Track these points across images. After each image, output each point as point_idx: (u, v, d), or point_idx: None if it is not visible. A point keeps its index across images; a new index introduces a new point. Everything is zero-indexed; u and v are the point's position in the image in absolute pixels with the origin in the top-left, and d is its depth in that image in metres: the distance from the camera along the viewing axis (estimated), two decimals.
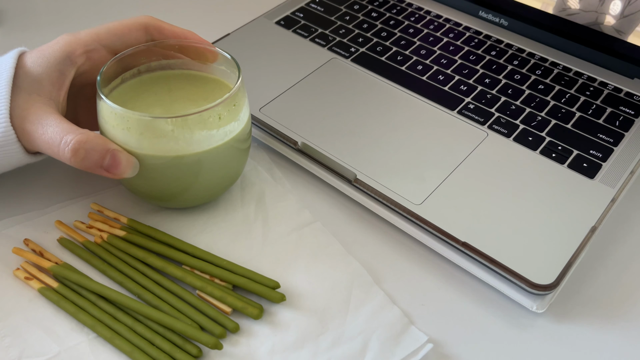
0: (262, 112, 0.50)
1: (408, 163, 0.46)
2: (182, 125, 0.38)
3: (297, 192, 0.47)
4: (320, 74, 0.54)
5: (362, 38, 0.58)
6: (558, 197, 0.44)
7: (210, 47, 0.43)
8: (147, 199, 0.43)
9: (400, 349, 0.36)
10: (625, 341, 0.39)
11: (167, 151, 0.39)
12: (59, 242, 0.42)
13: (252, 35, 0.58)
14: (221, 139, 0.40)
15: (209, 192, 0.43)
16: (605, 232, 0.45)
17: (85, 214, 0.44)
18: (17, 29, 0.63)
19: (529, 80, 0.54)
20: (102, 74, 0.40)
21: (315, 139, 0.47)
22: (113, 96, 0.42)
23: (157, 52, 0.44)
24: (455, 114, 0.50)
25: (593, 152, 0.47)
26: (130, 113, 0.38)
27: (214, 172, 0.41)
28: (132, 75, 0.44)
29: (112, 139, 0.39)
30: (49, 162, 0.45)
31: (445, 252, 0.42)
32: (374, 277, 0.41)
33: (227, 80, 0.44)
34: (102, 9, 0.66)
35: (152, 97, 0.43)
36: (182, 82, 0.44)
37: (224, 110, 0.39)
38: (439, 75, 0.54)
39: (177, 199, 0.43)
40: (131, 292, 0.39)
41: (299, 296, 0.39)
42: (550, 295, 0.39)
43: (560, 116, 0.50)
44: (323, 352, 0.36)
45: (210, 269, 0.40)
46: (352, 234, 0.44)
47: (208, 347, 0.36)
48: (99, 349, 0.36)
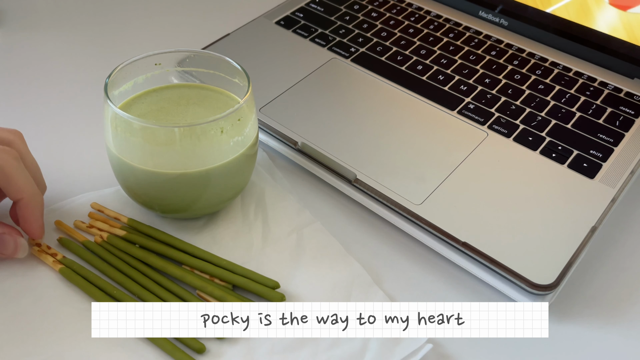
0: (262, 112, 0.50)
1: (408, 163, 0.46)
2: (188, 137, 0.38)
3: (297, 192, 0.47)
4: (320, 74, 0.54)
5: (362, 38, 0.58)
6: (558, 197, 0.44)
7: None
8: (149, 209, 0.43)
9: (399, 349, 0.36)
10: (625, 341, 0.39)
11: (171, 167, 0.38)
12: (59, 241, 0.42)
13: (252, 35, 0.58)
14: (227, 154, 0.39)
15: (210, 207, 0.43)
16: (605, 232, 0.45)
17: (85, 214, 0.44)
18: (17, 29, 0.63)
19: (529, 80, 0.54)
20: (109, 78, 0.40)
21: (315, 139, 0.47)
22: (124, 104, 0.42)
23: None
24: (455, 114, 0.50)
25: (593, 152, 0.47)
26: (136, 120, 0.38)
27: (217, 188, 0.41)
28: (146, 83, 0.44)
29: (117, 145, 0.39)
30: (49, 161, 0.45)
31: (445, 252, 0.42)
32: (374, 277, 0.41)
33: (240, 97, 0.43)
34: (102, 9, 0.66)
35: (164, 112, 0.43)
36: (197, 97, 0.44)
37: (227, 124, 0.39)
38: (439, 75, 0.54)
39: (180, 212, 0.43)
40: (131, 292, 0.39)
41: (299, 296, 0.39)
42: (550, 295, 0.39)
43: (560, 116, 0.50)
44: (323, 352, 0.36)
45: (210, 269, 0.40)
46: (352, 234, 0.44)
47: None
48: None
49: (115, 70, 0.41)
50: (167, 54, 0.44)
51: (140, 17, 0.66)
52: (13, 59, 0.59)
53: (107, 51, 0.61)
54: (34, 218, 0.39)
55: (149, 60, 0.43)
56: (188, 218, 0.44)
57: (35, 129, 0.51)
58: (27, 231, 0.39)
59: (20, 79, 0.57)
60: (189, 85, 0.45)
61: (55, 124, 0.52)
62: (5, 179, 0.38)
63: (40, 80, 0.57)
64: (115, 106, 0.38)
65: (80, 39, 0.62)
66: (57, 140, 0.50)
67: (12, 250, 0.39)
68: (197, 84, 0.45)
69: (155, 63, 0.44)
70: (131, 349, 0.36)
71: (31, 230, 0.39)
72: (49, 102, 0.54)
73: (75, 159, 0.49)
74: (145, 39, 0.62)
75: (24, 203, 0.39)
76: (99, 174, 0.46)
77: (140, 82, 0.44)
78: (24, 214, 0.39)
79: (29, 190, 0.38)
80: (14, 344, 0.36)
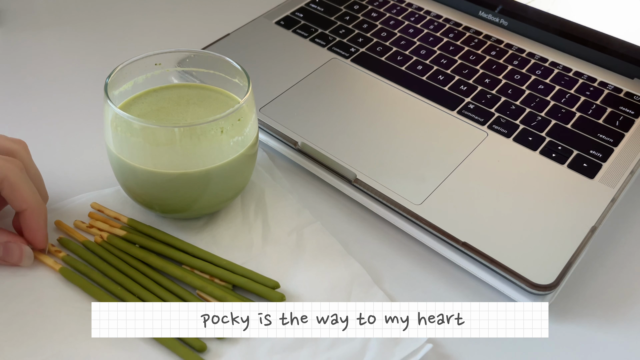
0: (262, 112, 0.50)
1: (408, 163, 0.46)
2: (188, 137, 0.38)
3: (297, 192, 0.47)
4: (320, 74, 0.54)
5: (362, 38, 0.58)
6: (558, 197, 0.44)
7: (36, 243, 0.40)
8: (149, 209, 0.43)
9: (399, 349, 0.36)
10: (625, 341, 0.39)
11: (171, 167, 0.38)
12: (59, 241, 0.42)
13: (252, 35, 0.58)
14: (227, 154, 0.39)
15: (210, 207, 0.43)
16: (605, 232, 0.45)
17: (85, 214, 0.44)
18: (17, 29, 0.63)
19: (529, 80, 0.54)
20: (110, 78, 0.40)
21: (315, 139, 0.47)
22: (124, 104, 0.42)
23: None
24: (455, 114, 0.50)
25: (593, 152, 0.47)
26: (136, 120, 0.38)
27: (217, 188, 0.41)
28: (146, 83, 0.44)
29: (116, 145, 0.39)
30: (49, 161, 0.45)
31: (445, 252, 0.42)
32: (374, 277, 0.41)
33: (240, 97, 0.43)
34: (101, 9, 0.66)
35: (164, 112, 0.43)
36: (197, 97, 0.44)
37: (227, 124, 0.39)
38: (439, 75, 0.54)
39: (180, 212, 0.42)
40: (131, 291, 0.39)
41: (299, 296, 0.39)
42: (550, 295, 0.39)
43: (560, 116, 0.50)
44: (323, 352, 0.36)
45: (210, 268, 0.40)
46: (352, 234, 0.44)
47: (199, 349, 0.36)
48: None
49: (115, 70, 0.41)
50: (167, 54, 0.44)
51: (140, 17, 0.66)
52: (13, 59, 0.59)
53: (107, 51, 0.61)
54: (38, 228, 0.39)
55: (149, 60, 0.43)
56: (188, 218, 0.44)
57: (35, 129, 0.51)
58: (30, 241, 0.40)
59: (20, 79, 0.57)
60: (189, 85, 0.45)
61: (55, 124, 0.52)
62: (10, 190, 0.38)
63: (40, 80, 0.57)
64: (115, 106, 0.38)
65: (80, 38, 0.62)
66: (57, 140, 0.50)
67: (18, 258, 0.39)
68: (197, 84, 0.45)
69: (155, 63, 0.44)
70: (131, 349, 0.36)
71: (35, 240, 0.39)
72: (49, 102, 0.54)
73: (75, 159, 0.49)
74: (145, 39, 0.62)
75: (28, 213, 0.39)
76: (99, 174, 0.46)
77: (140, 82, 0.43)
78: (28, 224, 0.39)
79: (33, 200, 0.39)
80: (14, 344, 0.36)
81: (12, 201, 0.38)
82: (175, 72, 0.45)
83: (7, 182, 0.37)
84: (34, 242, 0.39)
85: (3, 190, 0.38)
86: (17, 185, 0.38)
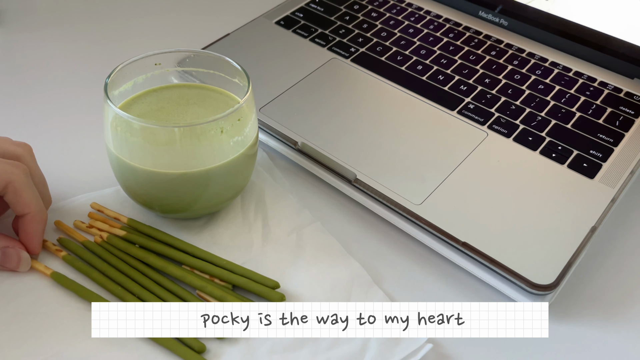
0: (262, 112, 0.50)
1: (408, 163, 0.46)
2: (188, 137, 0.38)
3: (297, 192, 0.47)
4: (320, 74, 0.54)
5: (362, 38, 0.58)
6: (558, 197, 0.44)
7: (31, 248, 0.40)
8: (149, 209, 0.43)
9: (399, 349, 0.36)
10: (625, 341, 0.39)
11: (171, 167, 0.38)
12: (59, 241, 0.42)
13: (252, 35, 0.58)
14: (227, 154, 0.39)
15: (210, 207, 0.43)
16: (605, 232, 0.45)
17: (85, 214, 0.44)
18: (17, 29, 0.63)
19: (529, 80, 0.54)
20: (110, 78, 0.40)
21: (315, 139, 0.47)
22: (124, 104, 0.42)
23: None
24: (455, 114, 0.50)
25: (593, 152, 0.47)
26: (136, 120, 0.38)
27: (217, 188, 0.41)
28: (146, 83, 0.44)
29: (116, 145, 0.39)
30: (49, 161, 0.45)
31: (445, 252, 0.42)
32: (374, 277, 0.41)
33: (240, 97, 0.43)
34: (101, 9, 0.66)
35: (164, 112, 0.43)
36: (197, 97, 0.44)
37: (227, 124, 0.39)
38: (439, 75, 0.54)
39: (180, 212, 0.42)
40: (131, 292, 0.39)
41: (298, 296, 0.39)
42: (550, 295, 0.39)
43: (560, 116, 0.50)
44: (323, 352, 0.36)
45: (210, 268, 0.40)
46: (352, 234, 0.44)
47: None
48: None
49: (115, 70, 0.41)
50: (167, 54, 0.44)
51: (140, 17, 0.66)
52: (13, 59, 0.59)
53: (107, 51, 0.61)
54: (35, 234, 0.39)
55: (149, 60, 0.43)
56: (188, 218, 0.44)
57: (35, 129, 0.51)
58: (25, 245, 0.39)
59: (20, 79, 0.57)
60: (189, 85, 0.45)
61: (55, 124, 0.52)
62: (14, 195, 0.38)
63: (40, 80, 0.57)
64: (115, 106, 0.38)
65: (80, 38, 0.62)
66: (57, 140, 0.50)
67: (15, 264, 0.39)
68: (197, 84, 0.45)
69: (155, 63, 0.44)
70: (131, 349, 0.36)
71: (30, 245, 0.39)
72: (49, 102, 0.54)
73: (75, 159, 0.49)
74: (145, 39, 0.62)
75: (28, 218, 0.39)
76: (99, 174, 0.46)
77: (140, 82, 0.43)
78: (26, 228, 0.39)
79: (36, 206, 0.39)
80: (14, 344, 0.36)
81: (14, 206, 0.38)
82: (175, 72, 0.45)
83: (12, 187, 0.38)
84: (28, 247, 0.39)
85: (7, 195, 0.38)
86: (21, 190, 0.38)
